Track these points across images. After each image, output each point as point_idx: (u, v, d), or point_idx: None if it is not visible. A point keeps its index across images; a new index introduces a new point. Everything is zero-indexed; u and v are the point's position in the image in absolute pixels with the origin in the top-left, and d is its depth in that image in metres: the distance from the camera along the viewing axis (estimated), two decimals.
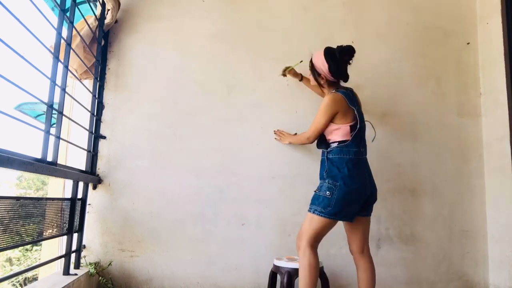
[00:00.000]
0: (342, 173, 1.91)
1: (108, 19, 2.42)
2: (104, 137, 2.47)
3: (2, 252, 1.58)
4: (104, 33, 2.47)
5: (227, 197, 2.48)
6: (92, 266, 2.25)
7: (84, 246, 2.34)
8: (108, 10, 2.41)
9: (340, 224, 2.53)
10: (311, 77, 2.14)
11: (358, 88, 2.67)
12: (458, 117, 2.74)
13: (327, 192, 1.90)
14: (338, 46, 2.01)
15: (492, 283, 2.54)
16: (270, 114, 2.59)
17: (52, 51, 1.75)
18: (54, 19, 2.14)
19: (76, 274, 2.02)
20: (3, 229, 1.45)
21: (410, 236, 2.57)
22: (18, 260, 8.94)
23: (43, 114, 4.91)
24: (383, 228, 2.55)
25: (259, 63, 2.64)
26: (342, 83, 2.13)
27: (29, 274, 7.02)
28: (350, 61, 2.04)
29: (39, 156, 1.62)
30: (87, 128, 2.35)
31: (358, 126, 1.97)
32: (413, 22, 2.80)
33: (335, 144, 1.99)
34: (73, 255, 2.11)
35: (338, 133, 1.99)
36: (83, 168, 2.33)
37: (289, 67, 2.49)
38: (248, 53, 2.64)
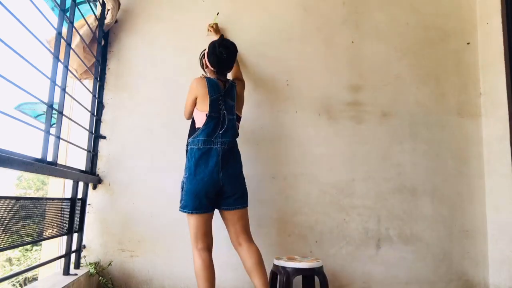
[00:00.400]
0: (189, 164, 1.93)
1: (108, 19, 2.42)
2: (104, 137, 2.47)
3: (2, 252, 1.58)
4: (104, 33, 2.47)
5: None
6: (92, 266, 2.25)
7: (84, 246, 2.34)
8: (108, 10, 2.41)
9: (338, 226, 2.54)
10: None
11: (358, 88, 2.69)
12: (458, 117, 2.74)
13: (181, 186, 1.95)
14: (221, 39, 2.09)
15: (492, 283, 2.54)
16: (270, 114, 2.59)
17: (52, 51, 1.75)
18: (54, 19, 2.13)
19: (76, 274, 2.02)
20: (3, 229, 1.45)
21: (410, 236, 2.57)
22: (18, 260, 8.94)
23: (43, 114, 4.91)
24: (383, 228, 2.55)
25: (259, 63, 2.64)
26: (229, 76, 2.20)
27: (29, 274, 7.02)
28: (225, 57, 2.03)
29: (39, 156, 1.62)
30: (87, 128, 2.34)
31: (207, 115, 1.94)
32: (413, 22, 2.80)
33: (192, 133, 2.00)
34: (73, 255, 2.11)
35: (197, 119, 2.02)
36: (83, 168, 2.33)
37: (211, 23, 2.55)
38: (248, 53, 2.64)
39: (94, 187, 2.41)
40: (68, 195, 2.19)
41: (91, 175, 2.35)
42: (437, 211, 2.62)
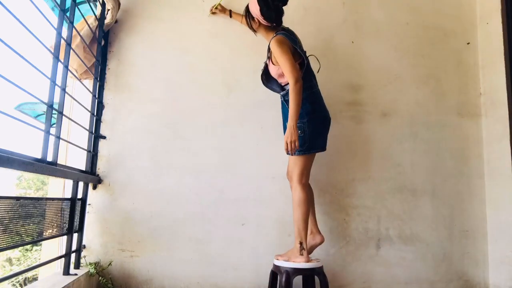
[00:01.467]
0: (305, 109, 2.04)
1: (108, 19, 2.42)
2: (104, 137, 2.47)
3: (2, 252, 1.58)
4: (104, 33, 2.47)
5: (227, 197, 2.48)
6: (92, 266, 2.25)
7: (84, 246, 2.34)
8: (108, 10, 2.41)
9: (338, 226, 2.54)
10: (243, 20, 2.26)
11: (358, 88, 2.69)
12: (458, 117, 2.74)
13: (299, 131, 2.01)
14: None
15: (492, 283, 2.54)
16: (270, 114, 2.59)
17: (52, 51, 1.75)
18: (54, 19, 2.13)
19: (76, 274, 2.02)
20: (3, 229, 1.45)
21: (410, 236, 2.57)
22: (18, 260, 8.94)
23: (43, 114, 4.91)
24: (383, 228, 2.55)
25: (259, 63, 2.64)
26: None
27: (29, 274, 7.02)
28: (280, 6, 2.09)
29: (39, 156, 1.62)
30: (87, 128, 2.34)
31: (305, 62, 2.08)
32: (413, 22, 2.80)
33: (288, 86, 2.02)
34: (73, 255, 2.11)
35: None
36: (83, 168, 2.33)
37: (215, 5, 2.58)
38: (248, 53, 2.64)
39: (94, 187, 2.41)
40: (68, 195, 2.19)
41: (91, 175, 2.35)
42: (437, 211, 2.62)
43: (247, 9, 2.16)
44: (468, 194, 2.66)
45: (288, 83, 2.04)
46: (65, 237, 2.07)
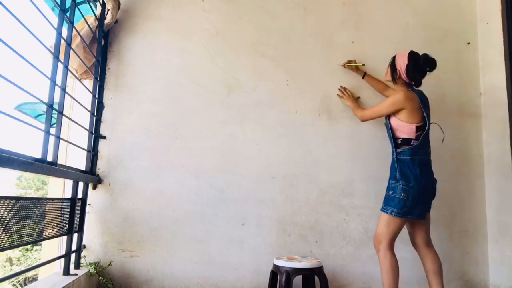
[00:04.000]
0: (414, 173, 2.03)
1: (108, 19, 2.42)
2: (104, 137, 2.47)
3: (2, 252, 1.58)
4: (104, 33, 2.47)
5: (227, 197, 2.48)
6: (92, 266, 2.25)
7: (84, 246, 2.34)
8: (108, 10, 2.41)
9: (338, 226, 2.54)
10: (387, 71, 2.26)
11: (358, 88, 2.69)
12: (458, 117, 2.74)
13: (402, 193, 2.02)
14: (424, 54, 2.15)
15: (492, 283, 2.54)
16: (270, 114, 2.59)
17: (52, 51, 1.75)
18: (54, 19, 2.13)
19: (76, 274, 2.02)
20: (3, 229, 1.45)
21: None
22: (18, 260, 8.94)
23: (43, 114, 4.91)
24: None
25: (259, 63, 2.64)
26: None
27: (29, 274, 7.02)
28: (428, 72, 2.16)
29: (39, 156, 1.62)
30: (87, 128, 2.34)
31: (426, 128, 2.09)
32: (413, 22, 2.80)
33: (404, 145, 2.09)
34: (73, 255, 2.11)
35: (404, 130, 2.10)
36: (83, 168, 2.33)
37: (352, 62, 2.60)
38: (248, 53, 2.64)
39: (94, 187, 2.41)
40: (68, 195, 2.19)
41: (91, 175, 2.35)
42: (437, 211, 2.61)
43: (393, 58, 2.22)
44: (468, 194, 2.66)
45: (401, 144, 2.11)
46: (65, 237, 2.07)
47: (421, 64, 2.12)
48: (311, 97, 2.63)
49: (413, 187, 2.01)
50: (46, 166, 1.61)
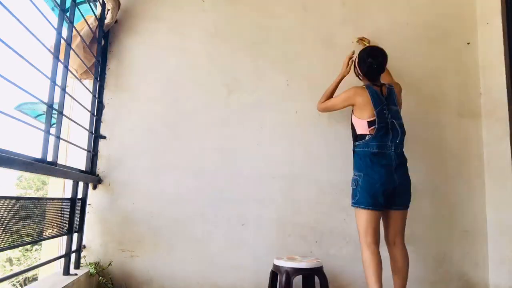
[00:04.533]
0: (363, 165, 2.10)
1: (108, 19, 2.42)
2: (104, 137, 2.47)
3: (2, 252, 1.58)
4: (104, 33, 2.47)
5: (227, 197, 2.48)
6: (92, 266, 2.25)
7: (84, 246, 2.34)
8: (108, 10, 2.41)
9: (338, 226, 2.54)
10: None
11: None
12: (458, 117, 2.74)
13: (353, 183, 2.12)
14: (370, 47, 2.27)
15: (492, 283, 2.54)
16: (270, 114, 2.59)
17: (52, 51, 1.75)
18: (54, 19, 2.13)
19: (76, 274, 2.02)
20: (3, 229, 1.45)
21: (410, 236, 2.56)
22: (18, 260, 8.94)
23: (43, 114, 4.91)
24: (383, 228, 2.54)
25: (259, 63, 2.64)
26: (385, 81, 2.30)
27: (29, 274, 7.02)
28: (374, 65, 2.18)
29: (39, 156, 1.62)
30: (87, 128, 2.35)
31: (377, 124, 2.09)
32: (413, 22, 2.80)
33: (360, 140, 2.16)
34: (73, 255, 2.11)
35: (358, 126, 2.17)
36: (83, 168, 2.33)
37: (366, 40, 2.61)
38: (248, 53, 2.64)
39: (94, 187, 2.41)
40: (68, 195, 2.19)
41: (91, 175, 2.35)
42: (437, 211, 2.61)
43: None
44: (468, 194, 2.66)
45: (357, 138, 2.18)
46: (65, 237, 2.07)
47: (364, 57, 2.20)
48: (311, 97, 2.62)
49: (363, 177, 2.07)
50: (46, 166, 1.62)
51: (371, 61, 2.18)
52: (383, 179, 2.04)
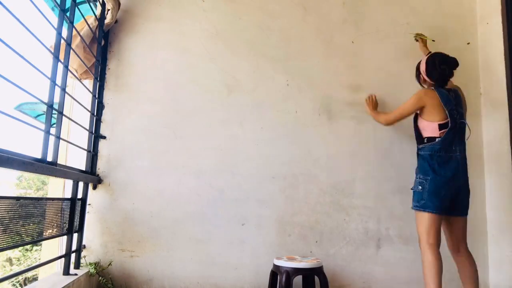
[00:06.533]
0: (431, 167, 2.07)
1: (108, 19, 2.42)
2: (104, 137, 2.47)
3: (2, 252, 1.58)
4: (104, 33, 2.47)
5: (227, 197, 2.48)
6: (92, 266, 2.25)
7: (84, 246, 2.34)
8: (108, 10, 2.41)
9: (338, 226, 2.54)
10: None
11: (358, 88, 2.69)
12: None
13: (419, 186, 2.09)
14: (440, 54, 2.25)
15: (492, 283, 2.54)
16: (270, 114, 2.59)
17: (52, 51, 1.75)
18: (54, 19, 2.13)
19: (76, 274, 2.02)
20: (3, 229, 1.45)
21: (410, 236, 2.56)
22: (18, 260, 8.94)
23: (43, 114, 4.91)
24: (383, 228, 2.55)
25: (259, 63, 2.64)
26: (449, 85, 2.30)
27: (29, 274, 7.02)
28: (449, 71, 2.20)
29: (39, 156, 1.62)
30: (87, 128, 2.35)
31: (450, 125, 2.09)
32: (413, 22, 2.80)
33: (427, 143, 2.14)
34: (73, 255, 2.11)
35: (427, 129, 2.16)
36: (83, 168, 2.33)
37: (423, 36, 2.57)
38: (248, 53, 2.64)
39: (94, 187, 2.41)
40: (68, 195, 2.19)
41: (91, 175, 2.35)
42: None
43: (418, 62, 2.35)
44: None
45: (423, 141, 2.17)
46: (65, 237, 2.07)
47: (437, 64, 2.20)
48: (311, 97, 2.63)
49: (430, 181, 2.05)
50: (46, 166, 1.61)
51: (444, 68, 2.19)
52: (451, 183, 2.05)
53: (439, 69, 2.19)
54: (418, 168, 2.16)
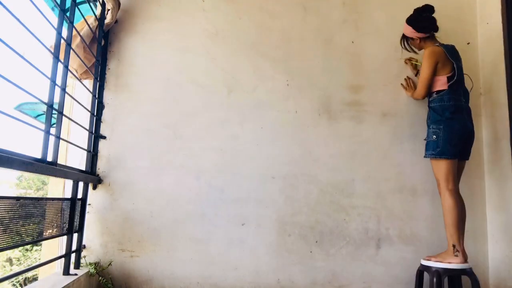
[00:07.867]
0: (445, 116, 2.24)
1: (108, 19, 2.42)
2: (104, 137, 2.47)
3: (2, 252, 1.58)
4: (104, 33, 2.47)
5: (227, 197, 2.48)
6: (92, 266, 2.25)
7: (84, 246, 2.34)
8: (108, 10, 2.41)
9: (338, 226, 2.54)
10: (407, 48, 2.50)
11: (358, 88, 2.69)
12: None
13: (433, 136, 2.25)
14: (413, 11, 2.38)
15: (492, 283, 2.54)
16: (270, 114, 2.59)
17: (52, 51, 1.75)
18: (54, 19, 2.13)
19: (76, 274, 2.02)
20: (3, 229, 1.45)
21: (410, 236, 2.57)
22: (18, 260, 8.94)
23: (43, 114, 4.91)
24: (383, 228, 2.55)
25: (259, 63, 2.64)
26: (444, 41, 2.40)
27: (29, 274, 7.02)
28: (432, 16, 2.33)
29: (39, 156, 1.62)
30: (87, 128, 2.35)
31: (456, 78, 2.26)
32: None
33: (434, 94, 2.31)
34: (73, 255, 2.11)
35: (437, 83, 2.29)
36: (83, 168, 2.33)
37: (414, 60, 2.66)
38: (248, 53, 2.64)
39: (94, 187, 2.41)
40: (68, 195, 2.19)
41: (91, 175, 2.35)
42: (437, 211, 2.61)
43: (403, 37, 2.47)
44: (468, 194, 2.65)
45: (434, 93, 2.32)
46: (65, 237, 2.07)
47: (419, 17, 2.34)
48: (311, 97, 2.63)
49: (443, 129, 2.21)
50: (46, 166, 1.61)
51: (427, 14, 2.32)
52: (463, 129, 2.23)
53: (424, 17, 2.32)
54: (430, 120, 2.32)
